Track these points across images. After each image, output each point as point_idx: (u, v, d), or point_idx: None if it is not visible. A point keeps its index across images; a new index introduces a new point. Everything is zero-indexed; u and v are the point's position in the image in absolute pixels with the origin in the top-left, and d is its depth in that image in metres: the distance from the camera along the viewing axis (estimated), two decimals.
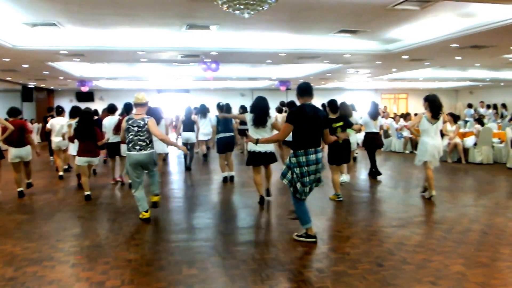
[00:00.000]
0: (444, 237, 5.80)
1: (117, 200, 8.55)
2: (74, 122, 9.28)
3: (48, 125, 11.41)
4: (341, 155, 8.28)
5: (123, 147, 8.98)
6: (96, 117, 10.63)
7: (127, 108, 9.45)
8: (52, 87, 24.95)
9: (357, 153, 13.76)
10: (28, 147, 8.80)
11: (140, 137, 6.56)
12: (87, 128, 8.46)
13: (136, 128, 6.55)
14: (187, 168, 12.35)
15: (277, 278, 4.48)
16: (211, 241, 5.86)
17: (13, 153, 8.64)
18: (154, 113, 9.81)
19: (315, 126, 5.48)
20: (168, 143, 6.94)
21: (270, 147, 7.70)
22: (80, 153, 8.43)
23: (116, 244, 5.68)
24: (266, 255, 5.22)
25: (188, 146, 12.33)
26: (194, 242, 5.80)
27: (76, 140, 8.68)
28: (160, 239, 5.89)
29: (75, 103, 24.51)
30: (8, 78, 19.08)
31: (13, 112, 8.97)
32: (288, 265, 4.86)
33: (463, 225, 6.41)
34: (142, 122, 6.56)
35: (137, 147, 6.57)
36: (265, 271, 4.65)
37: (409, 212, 7.37)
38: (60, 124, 10.83)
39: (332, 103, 8.35)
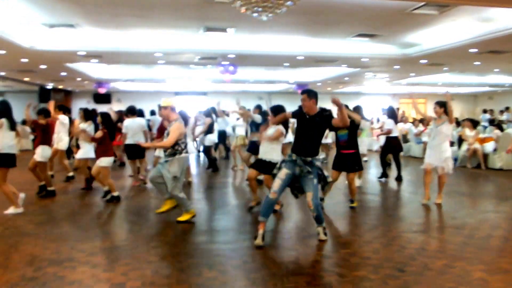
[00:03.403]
0: (465, 243, 5.72)
1: (136, 202, 8.53)
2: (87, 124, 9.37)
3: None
4: (343, 162, 7.62)
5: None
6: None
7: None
8: (70, 88, 25.17)
9: (366, 160, 13.56)
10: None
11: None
12: (111, 129, 8.62)
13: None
14: (215, 169, 12.47)
15: (297, 282, 4.44)
16: (231, 243, 5.83)
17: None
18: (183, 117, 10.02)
19: None
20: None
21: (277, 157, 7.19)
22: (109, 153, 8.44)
23: (136, 245, 5.69)
24: (286, 259, 5.20)
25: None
26: (214, 245, 5.78)
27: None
28: (179, 241, 5.88)
29: (93, 104, 24.73)
30: (26, 79, 19.26)
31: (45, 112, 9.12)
32: (309, 269, 4.83)
33: (484, 231, 6.32)
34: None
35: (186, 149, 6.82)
36: (286, 275, 4.61)
37: (429, 217, 7.33)
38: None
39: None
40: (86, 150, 9.12)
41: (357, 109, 9.14)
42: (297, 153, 5.63)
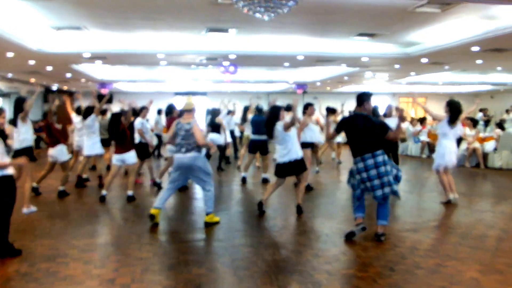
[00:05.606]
0: (459, 243, 5.71)
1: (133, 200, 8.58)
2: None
3: None
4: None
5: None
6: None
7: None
8: (74, 89, 25.25)
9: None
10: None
11: (187, 141, 6.50)
12: None
13: (183, 132, 6.52)
14: (219, 168, 12.38)
15: (286, 280, 4.46)
16: (222, 241, 5.86)
17: None
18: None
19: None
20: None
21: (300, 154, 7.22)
22: None
23: (129, 242, 5.74)
24: (277, 257, 5.21)
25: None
26: (206, 242, 5.83)
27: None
28: (172, 239, 5.93)
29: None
30: (32, 80, 19.38)
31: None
32: (298, 267, 4.84)
33: (480, 230, 6.30)
34: (188, 126, 6.54)
35: (183, 150, 6.53)
36: (275, 273, 4.63)
37: (424, 216, 7.32)
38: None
39: None
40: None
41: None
42: None
